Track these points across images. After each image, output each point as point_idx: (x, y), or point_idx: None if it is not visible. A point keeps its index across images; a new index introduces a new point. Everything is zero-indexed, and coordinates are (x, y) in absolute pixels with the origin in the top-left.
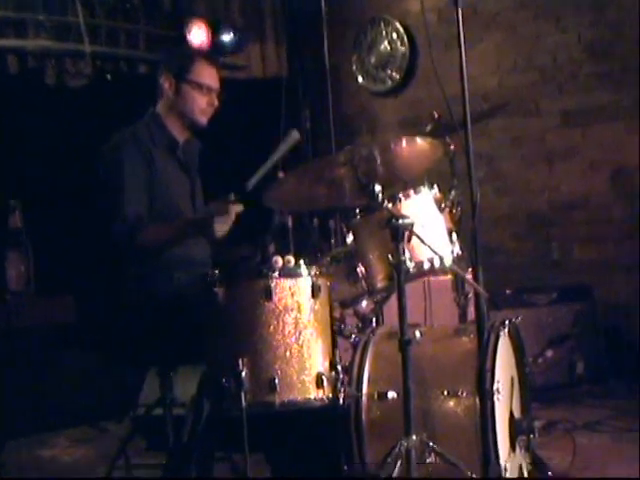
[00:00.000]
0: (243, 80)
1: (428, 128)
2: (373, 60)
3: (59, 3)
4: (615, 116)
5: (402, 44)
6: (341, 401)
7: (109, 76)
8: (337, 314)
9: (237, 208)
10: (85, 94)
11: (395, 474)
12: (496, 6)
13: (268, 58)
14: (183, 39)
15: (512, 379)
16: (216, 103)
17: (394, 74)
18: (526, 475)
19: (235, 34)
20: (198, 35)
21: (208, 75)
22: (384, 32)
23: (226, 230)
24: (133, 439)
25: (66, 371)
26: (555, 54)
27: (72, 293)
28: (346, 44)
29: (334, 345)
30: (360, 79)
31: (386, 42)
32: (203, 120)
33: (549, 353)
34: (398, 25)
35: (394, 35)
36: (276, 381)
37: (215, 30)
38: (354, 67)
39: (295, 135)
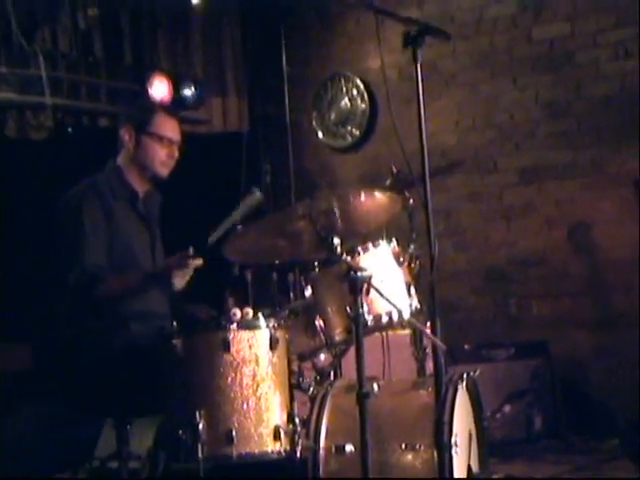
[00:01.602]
0: (204, 134)
1: (387, 182)
2: (333, 116)
3: (21, 55)
4: (571, 174)
5: (362, 101)
6: (298, 454)
7: (70, 129)
8: (295, 367)
9: (197, 262)
10: (46, 146)
11: None
12: (455, 65)
13: (229, 112)
14: (145, 92)
15: (470, 433)
16: (176, 155)
17: (354, 130)
18: None
19: (197, 88)
20: (160, 89)
21: (169, 127)
22: (344, 89)
23: (184, 283)
24: None
25: (21, 421)
26: (512, 112)
27: (29, 341)
28: (307, 100)
29: (292, 398)
30: (320, 135)
31: (346, 99)
32: (164, 172)
33: (507, 408)
34: (358, 82)
35: (354, 92)
36: (233, 433)
37: (177, 84)
38: (314, 123)
39: (257, 195)
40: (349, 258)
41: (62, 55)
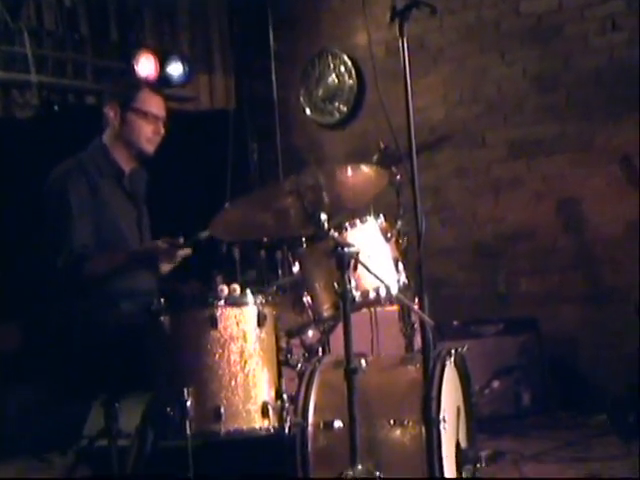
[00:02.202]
0: (191, 112)
1: (374, 158)
2: (321, 93)
3: (6, 33)
4: (560, 148)
5: (350, 77)
6: (287, 430)
7: (56, 107)
8: (283, 343)
9: (185, 252)
10: (32, 125)
11: None
12: (442, 40)
13: (216, 90)
14: (131, 70)
15: (458, 409)
16: (162, 131)
17: (342, 107)
18: None
19: (183, 65)
20: (146, 66)
21: (154, 103)
22: (332, 65)
23: (169, 269)
24: (77, 471)
25: (9, 401)
26: (500, 86)
27: (16, 321)
28: (294, 77)
29: (280, 374)
30: (308, 111)
31: (334, 75)
32: (149, 149)
33: (495, 384)
34: (346, 58)
35: (342, 68)
36: (221, 410)
37: (163, 61)
38: (302, 100)
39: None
40: (336, 234)
41: (47, 32)
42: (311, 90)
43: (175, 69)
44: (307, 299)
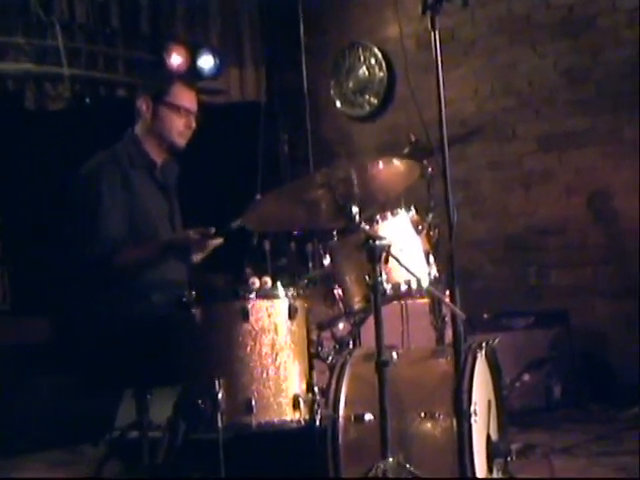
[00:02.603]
0: (222, 104)
1: (405, 150)
2: (351, 85)
3: (38, 26)
4: (591, 141)
5: (380, 69)
6: (318, 423)
7: (88, 99)
8: (314, 336)
9: (216, 242)
10: (64, 117)
11: None
12: (474, 32)
13: (247, 82)
14: (162, 63)
15: (489, 402)
16: (193, 125)
17: (372, 99)
18: None
19: (214, 58)
20: (177, 59)
21: (186, 97)
22: (362, 57)
23: (200, 259)
24: (109, 462)
25: (41, 393)
26: (531, 80)
27: (48, 314)
28: (324, 69)
29: (311, 367)
30: (338, 104)
31: (364, 67)
32: (181, 142)
33: (526, 377)
34: (376, 51)
35: (372, 60)
36: (253, 402)
37: (194, 54)
38: (332, 92)
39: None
40: (368, 227)
41: (79, 26)
42: (341, 82)
43: (206, 62)
44: (338, 292)
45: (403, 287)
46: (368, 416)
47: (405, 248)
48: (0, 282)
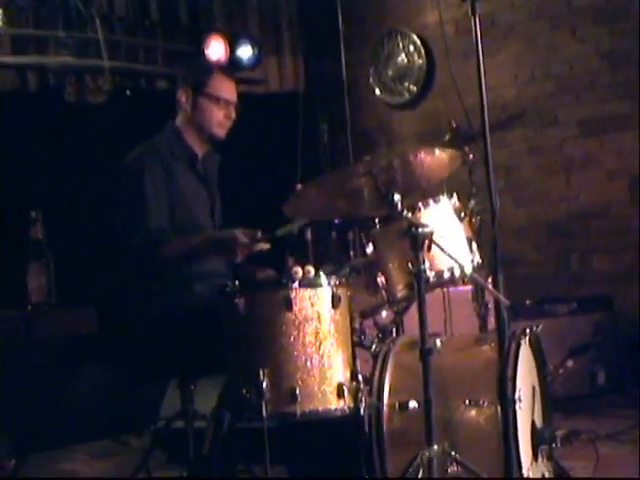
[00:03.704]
0: (260, 95)
1: (446, 138)
2: (390, 73)
3: (79, 20)
4: (632, 125)
5: (419, 57)
6: (362, 411)
7: (128, 92)
8: (357, 325)
9: (262, 247)
10: (104, 110)
11: None
12: (513, 17)
13: (285, 72)
14: (201, 54)
15: (533, 388)
16: (234, 116)
17: (411, 86)
18: None
19: (253, 48)
20: (216, 49)
21: (225, 88)
22: (401, 45)
23: (244, 257)
24: (154, 452)
25: (87, 383)
26: (572, 64)
27: (93, 305)
28: (363, 57)
29: (354, 355)
30: (377, 92)
31: (403, 55)
32: (221, 133)
33: (569, 363)
34: (415, 38)
35: (411, 48)
36: (297, 391)
37: (233, 44)
38: (371, 80)
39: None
40: (410, 214)
41: (119, 18)
42: (380, 70)
43: (245, 52)
44: (381, 280)
45: (446, 274)
46: (412, 404)
47: (448, 235)
48: (45, 275)
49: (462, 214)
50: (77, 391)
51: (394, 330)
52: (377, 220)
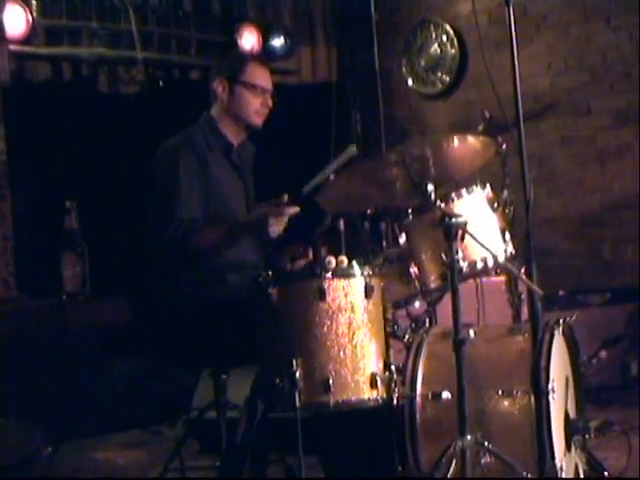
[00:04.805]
0: (293, 85)
1: (480, 127)
2: (423, 63)
3: (112, 11)
4: None
5: (452, 46)
6: (395, 401)
7: (161, 82)
8: (390, 315)
9: (292, 210)
10: (137, 100)
11: (450, 474)
12: (546, 7)
13: (318, 62)
14: (234, 44)
15: (567, 379)
16: (270, 104)
17: (444, 76)
18: (582, 475)
19: (286, 39)
20: (249, 40)
21: (261, 76)
22: (434, 35)
23: (280, 230)
24: (186, 442)
25: (120, 373)
26: (606, 54)
27: (126, 295)
28: (396, 47)
29: (388, 345)
30: (410, 82)
31: (436, 45)
32: (258, 121)
33: (603, 354)
34: (448, 28)
35: (444, 37)
36: (330, 381)
37: (266, 35)
38: (404, 70)
39: (352, 150)
40: (443, 204)
41: (152, 9)
42: (413, 60)
43: (277, 42)
44: (414, 270)
45: (479, 264)
46: (445, 394)
47: (481, 225)
48: (80, 265)
49: (495, 204)
50: (111, 381)
51: (427, 320)
52: (410, 210)
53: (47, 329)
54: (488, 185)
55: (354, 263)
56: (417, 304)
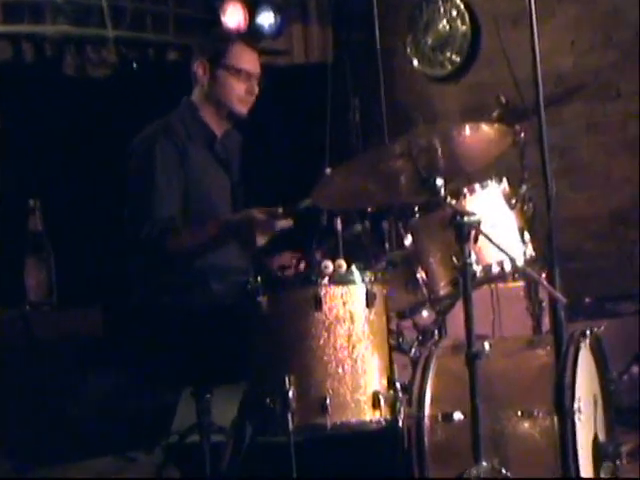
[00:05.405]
0: (284, 67)
1: (494, 114)
2: (430, 41)
3: None
4: None
5: (462, 22)
6: (400, 423)
7: (135, 64)
8: (394, 326)
9: (285, 224)
10: (109, 84)
11: None
12: None
13: (312, 42)
14: (217, 21)
15: (595, 397)
16: (256, 90)
17: (454, 56)
18: None
19: (275, 15)
20: (234, 16)
21: (247, 59)
22: (442, 9)
23: (265, 242)
24: (166, 470)
25: (91, 393)
26: (638, 30)
27: (98, 305)
28: (399, 24)
29: (391, 360)
30: (416, 63)
31: (444, 21)
32: (242, 110)
33: (635, 369)
34: (458, 1)
35: (453, 12)
36: (327, 401)
37: (253, 11)
38: (409, 50)
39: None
40: (454, 201)
41: None
42: (419, 39)
43: (266, 19)
44: (421, 275)
45: (495, 269)
46: (457, 415)
47: (497, 224)
48: (45, 271)
49: (513, 201)
50: (81, 401)
51: (436, 332)
52: (416, 208)
53: (9, 344)
54: (504, 179)
55: (353, 268)
56: (425, 313)
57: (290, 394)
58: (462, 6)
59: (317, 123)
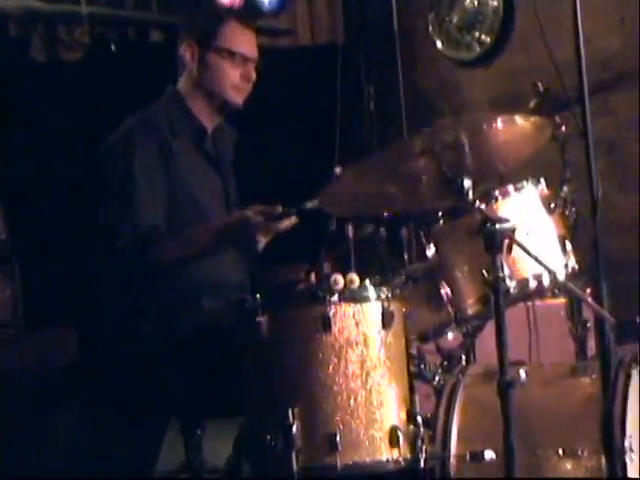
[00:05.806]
0: (286, 49)
1: (531, 105)
2: (456, 20)
3: None
4: None
5: None
6: (422, 463)
7: (113, 46)
8: (414, 350)
9: (288, 223)
10: (82, 69)
11: None
12: None
13: (319, 20)
14: None
15: None
16: (253, 76)
17: (483, 37)
18: None
19: None
20: None
21: (242, 40)
22: None
23: (262, 245)
24: None
25: (63, 428)
26: None
27: (72, 326)
28: (420, 1)
29: (412, 390)
30: (439, 45)
31: None
32: (237, 99)
33: None
34: None
35: None
36: (337, 438)
37: None
38: (431, 30)
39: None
40: (484, 206)
41: None
42: (443, 17)
43: None
44: (446, 291)
45: (532, 284)
46: (489, 454)
47: (534, 233)
48: (10, 287)
49: (552, 204)
50: (51, 438)
51: (463, 357)
52: (440, 214)
53: None
54: (542, 180)
55: (367, 283)
56: (450, 336)
57: (294, 429)
58: None
59: (325, 114)
